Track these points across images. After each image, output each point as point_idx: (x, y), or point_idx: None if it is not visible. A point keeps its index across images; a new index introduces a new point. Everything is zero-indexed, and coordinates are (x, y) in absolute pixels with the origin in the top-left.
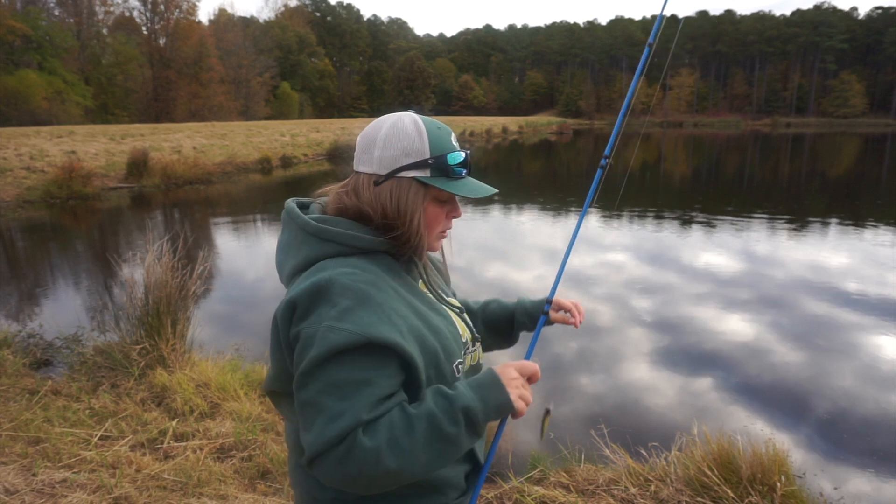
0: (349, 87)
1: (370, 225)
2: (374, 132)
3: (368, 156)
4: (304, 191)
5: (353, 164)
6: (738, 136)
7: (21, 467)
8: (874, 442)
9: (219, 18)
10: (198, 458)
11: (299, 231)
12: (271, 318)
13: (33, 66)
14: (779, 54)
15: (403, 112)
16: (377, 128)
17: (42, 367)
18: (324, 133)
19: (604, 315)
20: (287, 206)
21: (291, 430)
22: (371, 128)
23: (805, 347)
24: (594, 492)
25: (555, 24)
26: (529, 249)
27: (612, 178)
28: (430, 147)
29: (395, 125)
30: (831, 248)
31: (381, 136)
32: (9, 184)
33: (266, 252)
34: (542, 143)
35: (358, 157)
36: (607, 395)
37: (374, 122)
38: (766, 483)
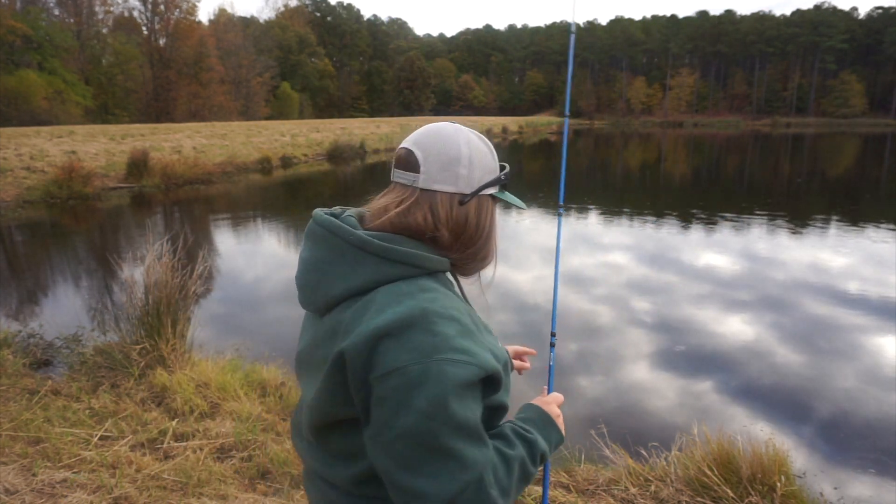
0: (349, 87)
1: (425, 243)
2: (453, 150)
3: (450, 174)
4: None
5: (420, 177)
6: (738, 136)
7: (21, 467)
8: (875, 443)
9: (219, 18)
10: (198, 458)
11: (350, 248)
12: (333, 355)
13: (33, 66)
14: (779, 54)
15: (452, 124)
16: (452, 144)
17: (42, 367)
18: (324, 133)
19: (604, 316)
20: (322, 218)
21: (337, 465)
22: (441, 143)
23: (806, 348)
24: (594, 492)
25: (555, 24)
26: (529, 250)
27: (612, 178)
28: (495, 161)
29: (470, 142)
30: (831, 248)
31: (466, 156)
32: (9, 184)
33: (266, 252)
34: (542, 143)
35: (431, 175)
36: (607, 396)
37: (434, 135)
38: (766, 483)
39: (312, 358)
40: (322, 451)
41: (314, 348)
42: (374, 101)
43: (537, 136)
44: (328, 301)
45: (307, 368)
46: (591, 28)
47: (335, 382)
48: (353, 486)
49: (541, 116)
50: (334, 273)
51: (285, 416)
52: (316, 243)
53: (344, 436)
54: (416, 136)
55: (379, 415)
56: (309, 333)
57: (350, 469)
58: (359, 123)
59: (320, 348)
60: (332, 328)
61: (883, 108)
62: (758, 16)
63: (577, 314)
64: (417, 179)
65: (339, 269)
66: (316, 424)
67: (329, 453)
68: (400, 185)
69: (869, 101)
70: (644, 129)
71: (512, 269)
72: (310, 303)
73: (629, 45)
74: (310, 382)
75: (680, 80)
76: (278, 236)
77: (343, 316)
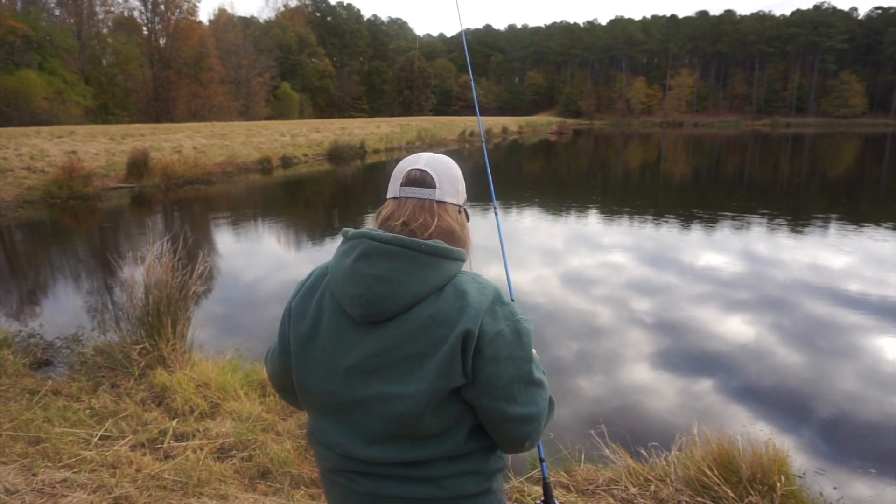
0: (349, 87)
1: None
2: (454, 171)
3: (454, 189)
4: (305, 191)
5: (436, 191)
6: (738, 136)
7: (21, 467)
8: (876, 444)
9: (219, 18)
10: (198, 458)
11: (422, 256)
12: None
13: (34, 67)
14: (779, 54)
15: (438, 154)
16: (453, 168)
17: (42, 367)
18: (324, 133)
19: (604, 316)
20: (386, 236)
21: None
22: (445, 165)
23: (806, 349)
24: (594, 492)
25: (555, 24)
26: (529, 250)
27: (612, 178)
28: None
29: (457, 167)
30: (832, 248)
31: (458, 176)
32: (9, 184)
33: (266, 252)
34: (542, 143)
35: (445, 191)
36: (607, 396)
37: (440, 161)
38: (766, 483)
39: (393, 358)
40: (407, 443)
41: (394, 349)
42: (374, 102)
43: (537, 136)
44: (405, 304)
45: (383, 371)
46: (591, 28)
47: (454, 360)
48: (457, 445)
49: (541, 116)
50: (411, 278)
51: (285, 415)
52: (384, 257)
53: (436, 415)
54: (426, 161)
55: (491, 370)
56: (362, 344)
57: (445, 442)
58: (359, 123)
59: (409, 345)
60: (419, 324)
61: (883, 108)
62: (758, 16)
63: (577, 314)
64: (434, 194)
65: (417, 274)
66: (413, 413)
67: (417, 440)
68: (413, 199)
69: (869, 101)
70: (644, 129)
71: (512, 270)
72: (377, 312)
73: (629, 45)
74: (385, 383)
75: (680, 80)
76: (278, 236)
77: (426, 311)
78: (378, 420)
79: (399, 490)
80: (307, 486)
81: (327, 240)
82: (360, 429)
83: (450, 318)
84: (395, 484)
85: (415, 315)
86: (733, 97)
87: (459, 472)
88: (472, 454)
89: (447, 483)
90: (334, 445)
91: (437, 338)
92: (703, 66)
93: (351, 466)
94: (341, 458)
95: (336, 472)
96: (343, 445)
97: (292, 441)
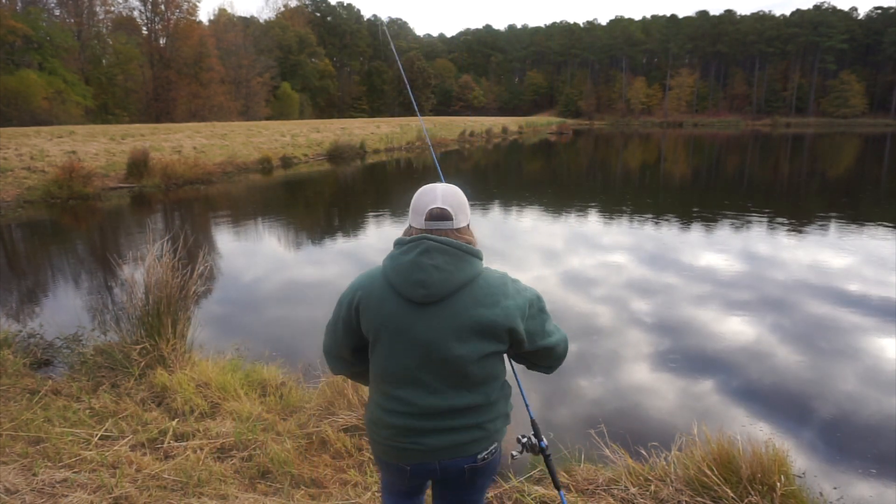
0: (349, 88)
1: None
2: (462, 201)
3: (465, 215)
4: (305, 191)
5: (454, 222)
6: (738, 136)
7: (21, 467)
8: (876, 444)
9: (219, 18)
10: (198, 458)
11: (465, 255)
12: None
13: (34, 67)
14: (779, 54)
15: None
16: (460, 198)
17: (42, 366)
18: (324, 133)
19: (603, 316)
20: (441, 239)
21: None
22: (456, 199)
23: (806, 349)
24: (594, 491)
25: (555, 24)
26: (529, 250)
27: (612, 178)
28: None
29: (462, 193)
30: (832, 248)
31: (466, 203)
32: (9, 184)
33: (266, 252)
34: (542, 144)
35: (457, 217)
36: (607, 396)
37: (448, 192)
38: (766, 483)
39: (446, 329)
40: (462, 387)
41: (447, 323)
42: (374, 102)
43: (537, 136)
44: (452, 289)
45: (464, 337)
46: (591, 28)
47: (498, 331)
48: (490, 394)
49: (541, 116)
50: (457, 270)
51: (285, 415)
52: (440, 253)
53: (479, 368)
54: (442, 198)
55: (533, 325)
56: (415, 319)
57: (491, 384)
58: (359, 123)
59: (457, 319)
60: (461, 306)
61: (883, 108)
62: (758, 16)
63: (577, 315)
64: (452, 224)
65: (461, 267)
66: (462, 368)
67: (464, 389)
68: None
69: (869, 101)
70: (644, 130)
71: (512, 270)
72: (431, 296)
73: (629, 45)
74: (474, 344)
75: (680, 80)
76: (278, 236)
77: (467, 297)
78: (436, 376)
79: (454, 438)
80: (307, 486)
81: (327, 240)
82: (425, 385)
83: (488, 302)
84: (452, 434)
85: (459, 297)
86: (733, 97)
87: (494, 416)
88: (499, 401)
89: (488, 426)
90: (406, 406)
91: (478, 315)
92: (703, 66)
93: (419, 426)
94: (411, 418)
95: (405, 434)
96: (414, 401)
97: (292, 441)
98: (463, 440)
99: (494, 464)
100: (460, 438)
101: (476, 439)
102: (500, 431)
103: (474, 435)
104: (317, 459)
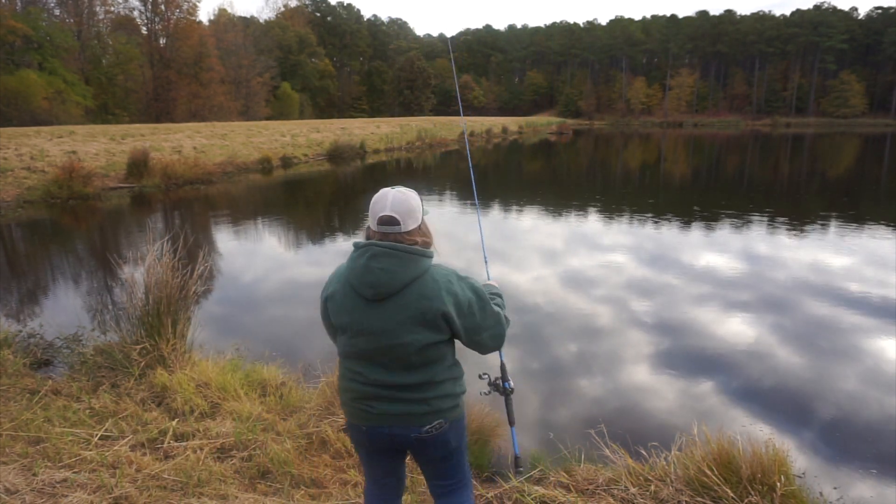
0: (349, 88)
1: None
2: (410, 206)
3: (413, 219)
4: (305, 191)
5: (402, 227)
6: (738, 136)
7: (21, 467)
8: (876, 444)
9: (219, 18)
10: (198, 458)
11: (409, 256)
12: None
13: (34, 67)
14: (779, 54)
15: (399, 188)
16: (409, 203)
17: (42, 366)
18: (324, 133)
19: (603, 317)
20: (384, 243)
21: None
22: (403, 205)
23: (807, 350)
24: (594, 492)
25: (555, 24)
26: (528, 250)
27: (612, 178)
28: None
29: (414, 196)
30: (832, 248)
31: (414, 207)
32: (9, 184)
33: (266, 252)
34: (542, 144)
35: (405, 222)
36: (607, 396)
37: (397, 199)
38: (766, 483)
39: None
40: (408, 368)
41: (394, 316)
42: (374, 102)
43: (537, 136)
44: (399, 286)
45: (401, 329)
46: (591, 28)
47: (438, 323)
48: (435, 375)
49: (541, 116)
50: (401, 270)
51: (285, 415)
52: (385, 258)
53: (420, 355)
54: (391, 206)
55: (470, 321)
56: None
57: (437, 366)
58: (359, 124)
59: (403, 313)
60: (408, 300)
61: (883, 108)
62: (758, 16)
63: (577, 315)
64: (400, 228)
65: (405, 267)
66: (407, 354)
67: (410, 370)
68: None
69: (869, 101)
70: (644, 130)
71: (512, 270)
72: (380, 294)
73: (629, 45)
74: (409, 335)
75: (680, 80)
76: (278, 236)
77: (414, 292)
78: (389, 358)
79: (400, 408)
80: (307, 485)
81: (327, 240)
82: (378, 364)
83: (431, 295)
84: (398, 404)
85: (402, 295)
86: (733, 97)
87: (440, 394)
88: (445, 381)
89: (432, 402)
90: (360, 377)
91: (423, 308)
92: (703, 66)
93: (370, 392)
94: (364, 385)
95: (359, 399)
96: (366, 374)
97: (292, 441)
98: (409, 411)
99: (445, 439)
100: (406, 409)
101: (422, 413)
102: (448, 409)
103: (420, 408)
104: (317, 459)
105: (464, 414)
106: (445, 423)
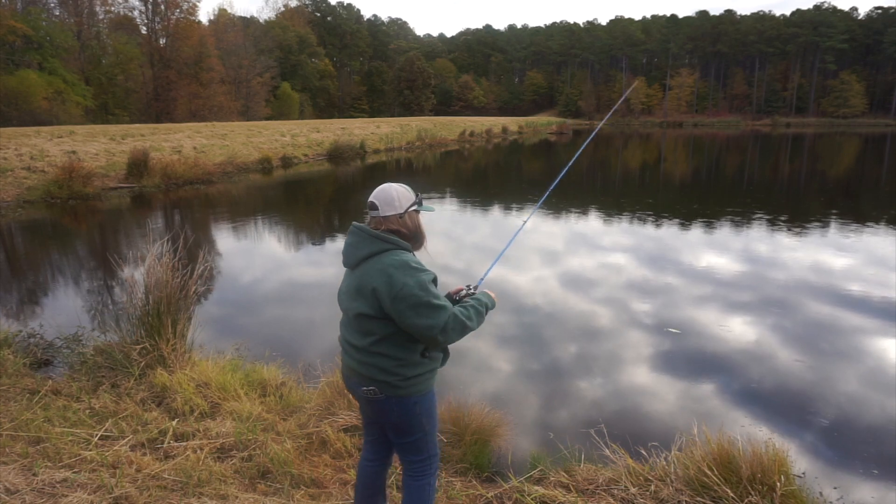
0: (349, 88)
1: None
2: (390, 196)
3: (391, 207)
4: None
5: (380, 212)
6: (738, 136)
7: (21, 467)
8: (877, 445)
9: (219, 18)
10: (198, 458)
11: (369, 237)
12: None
13: (34, 67)
14: (779, 54)
15: (392, 182)
16: (389, 194)
17: (42, 367)
18: (324, 133)
19: (603, 317)
20: (358, 225)
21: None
22: (385, 193)
23: (807, 350)
24: (594, 491)
25: (555, 24)
26: (528, 250)
27: (612, 178)
28: (413, 195)
29: (398, 189)
30: (832, 248)
31: (394, 197)
32: (9, 184)
33: (266, 252)
34: (542, 143)
35: (382, 208)
36: (607, 397)
37: (384, 188)
38: (766, 483)
39: (359, 289)
40: (358, 331)
41: (358, 285)
42: (374, 102)
43: (537, 136)
44: (357, 260)
45: (353, 296)
46: (591, 28)
47: (374, 300)
48: (373, 346)
49: (541, 116)
50: (360, 247)
51: (285, 415)
52: (356, 236)
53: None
54: (375, 194)
55: (400, 305)
56: (349, 278)
57: (379, 339)
58: (359, 123)
59: (359, 283)
60: (365, 273)
61: (883, 108)
62: (758, 16)
63: (577, 315)
64: (378, 213)
65: (364, 245)
66: (350, 318)
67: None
68: (373, 216)
69: (869, 101)
70: (644, 130)
71: (512, 270)
72: (346, 263)
73: (629, 45)
74: (354, 302)
75: (680, 81)
76: (278, 236)
77: (371, 267)
78: (347, 318)
79: (354, 365)
80: (307, 485)
81: (327, 240)
82: (351, 326)
83: (373, 275)
84: (353, 361)
85: (362, 268)
86: (733, 97)
87: (377, 365)
88: (383, 357)
89: (369, 368)
90: (341, 334)
91: (364, 281)
92: (703, 66)
93: (347, 349)
94: (342, 341)
95: (342, 352)
96: (342, 332)
97: (292, 441)
98: (357, 369)
99: (385, 408)
100: (356, 367)
101: (362, 373)
102: (383, 383)
103: (362, 369)
104: (317, 459)
105: (416, 401)
106: (380, 393)
